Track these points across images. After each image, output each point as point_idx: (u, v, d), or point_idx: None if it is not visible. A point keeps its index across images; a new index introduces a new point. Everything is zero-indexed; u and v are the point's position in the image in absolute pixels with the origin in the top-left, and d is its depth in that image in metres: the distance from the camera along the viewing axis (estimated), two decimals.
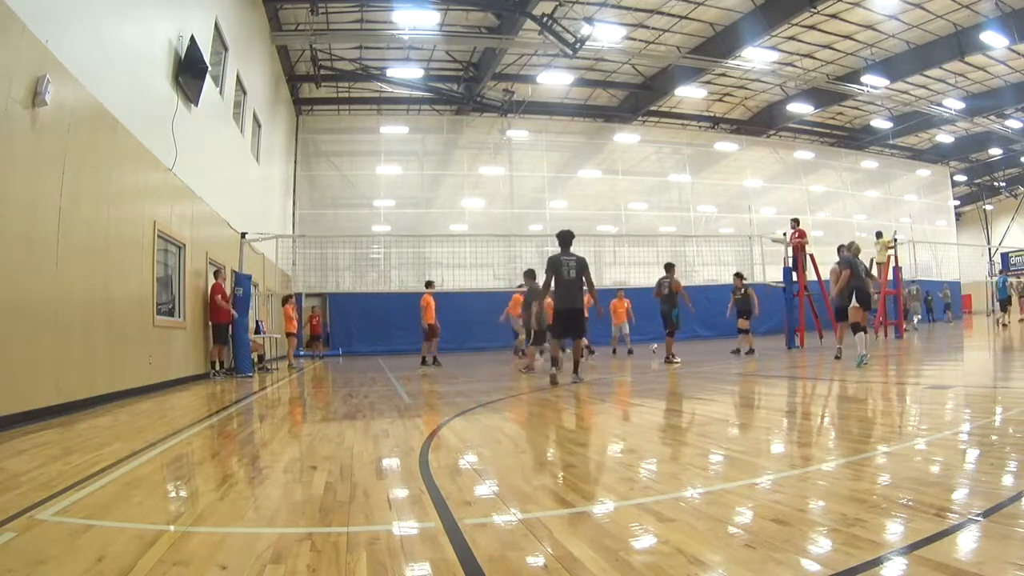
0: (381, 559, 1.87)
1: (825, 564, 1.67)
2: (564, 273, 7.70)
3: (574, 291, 7.74)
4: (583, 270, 7.85)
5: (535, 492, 2.59)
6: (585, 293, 8.03)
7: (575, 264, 7.81)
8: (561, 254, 7.84)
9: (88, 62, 6.32)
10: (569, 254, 7.86)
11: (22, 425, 4.87)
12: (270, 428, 5.06)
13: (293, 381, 10.17)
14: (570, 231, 8.07)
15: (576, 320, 7.87)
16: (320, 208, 23.36)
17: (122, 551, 1.97)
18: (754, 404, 5.57)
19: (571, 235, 8.03)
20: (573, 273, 7.74)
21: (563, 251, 7.87)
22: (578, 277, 7.77)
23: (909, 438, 3.48)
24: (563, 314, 7.80)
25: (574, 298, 7.80)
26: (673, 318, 10.67)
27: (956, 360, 9.24)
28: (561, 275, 7.71)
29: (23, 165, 5.24)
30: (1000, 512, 1.99)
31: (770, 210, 27.00)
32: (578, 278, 7.77)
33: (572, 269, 7.76)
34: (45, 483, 2.94)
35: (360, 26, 17.89)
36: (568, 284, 7.71)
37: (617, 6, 17.39)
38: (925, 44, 19.38)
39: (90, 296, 6.44)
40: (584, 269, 7.83)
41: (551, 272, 7.80)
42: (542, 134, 24.84)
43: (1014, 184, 34.34)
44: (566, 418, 5.12)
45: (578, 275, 7.77)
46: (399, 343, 18.65)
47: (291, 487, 2.85)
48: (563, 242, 7.94)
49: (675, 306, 10.64)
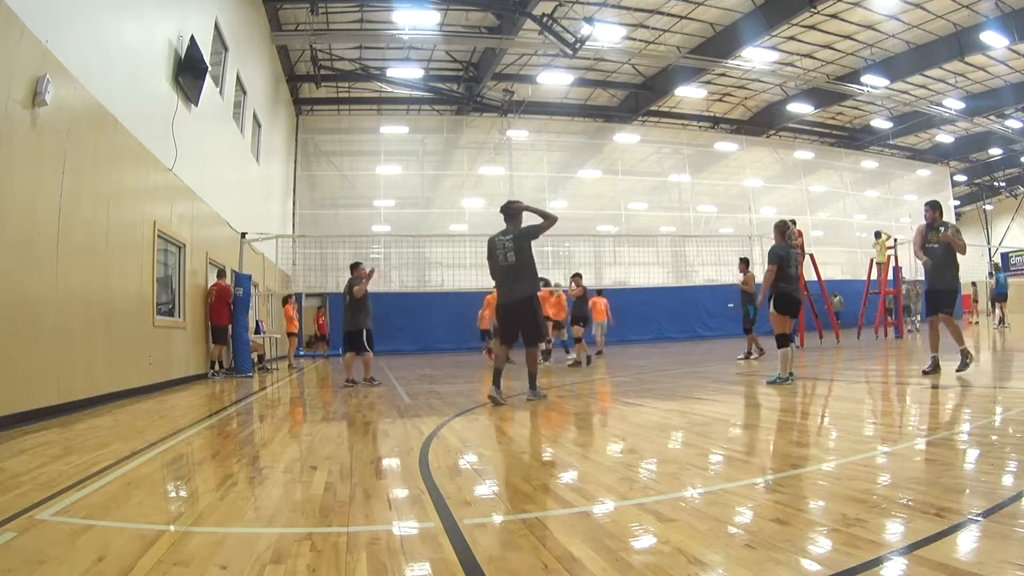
0: (381, 559, 1.87)
1: (825, 564, 1.67)
2: (499, 257, 5.86)
3: (515, 280, 5.81)
4: (525, 241, 5.80)
5: (535, 492, 2.59)
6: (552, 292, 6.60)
7: (513, 242, 5.78)
8: (497, 234, 5.98)
9: (88, 62, 6.32)
10: (508, 231, 5.92)
11: (22, 425, 4.87)
12: (270, 428, 5.06)
13: (293, 381, 10.17)
14: (515, 201, 6.15)
15: (523, 318, 5.83)
16: (320, 208, 23.36)
17: (122, 551, 1.97)
18: (754, 404, 5.57)
19: (515, 207, 6.02)
20: (512, 256, 5.76)
21: (504, 229, 5.97)
22: (521, 259, 5.77)
23: (909, 438, 3.48)
24: (504, 312, 6.00)
25: (511, 290, 5.84)
26: (750, 314, 10.67)
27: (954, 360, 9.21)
28: (496, 260, 5.90)
29: (23, 165, 5.24)
30: (1000, 512, 1.99)
31: (770, 210, 26.97)
32: (521, 260, 5.77)
33: (510, 251, 5.78)
34: (45, 483, 2.94)
35: (360, 26, 17.89)
36: (505, 271, 5.83)
37: (617, 6, 17.38)
38: (925, 44, 19.37)
39: (90, 296, 6.44)
40: (526, 239, 5.81)
41: (488, 259, 6.01)
42: (542, 134, 24.83)
43: (1014, 184, 34.33)
44: (566, 418, 5.12)
45: (520, 256, 5.76)
46: (399, 343, 18.66)
47: (291, 487, 2.85)
48: (505, 217, 6.02)
49: (752, 302, 10.61)
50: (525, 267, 5.79)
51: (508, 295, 5.88)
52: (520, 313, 5.81)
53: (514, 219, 5.95)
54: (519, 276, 5.78)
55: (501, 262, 5.83)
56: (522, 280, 5.79)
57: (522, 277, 5.78)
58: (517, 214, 5.98)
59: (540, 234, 5.80)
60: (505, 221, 5.99)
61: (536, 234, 5.80)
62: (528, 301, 5.82)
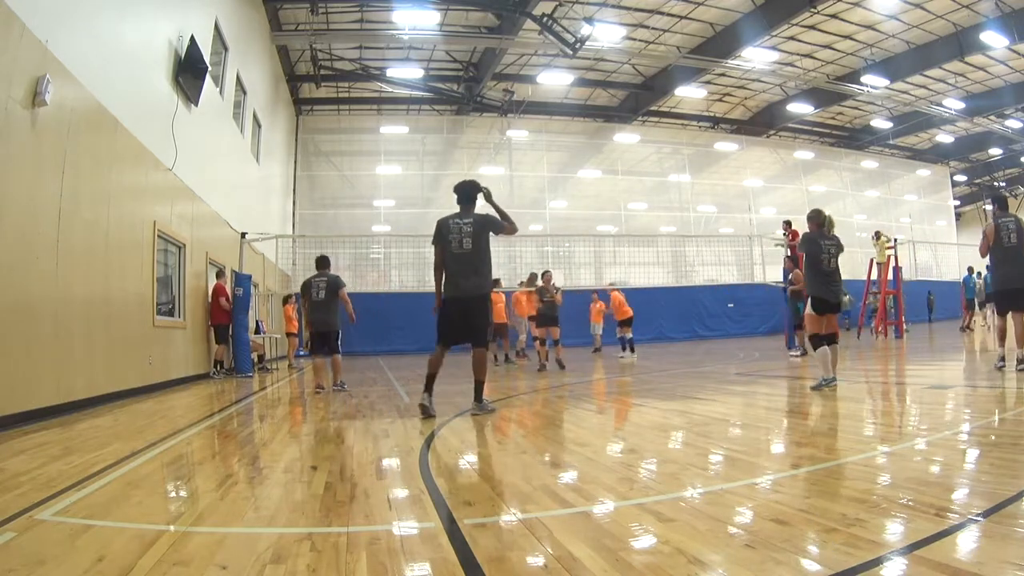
0: (381, 559, 1.87)
1: (825, 564, 1.67)
2: (452, 243, 5.11)
3: (472, 271, 5.10)
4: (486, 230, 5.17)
5: (535, 492, 2.59)
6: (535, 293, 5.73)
7: (472, 227, 5.11)
8: (451, 216, 5.24)
9: (88, 62, 6.32)
10: (467, 215, 5.22)
11: (22, 425, 4.87)
12: (270, 428, 5.06)
13: (293, 381, 10.17)
14: (471, 182, 5.41)
15: (475, 318, 5.13)
16: (320, 208, 23.37)
17: (122, 551, 1.97)
18: (754, 404, 5.57)
19: (472, 188, 5.35)
20: (469, 243, 5.07)
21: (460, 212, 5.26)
22: (478, 248, 5.11)
23: (909, 438, 3.48)
24: (453, 307, 5.15)
25: (466, 283, 5.11)
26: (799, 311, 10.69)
27: (955, 360, 9.23)
28: (447, 245, 5.14)
29: (23, 165, 5.24)
30: (1000, 512, 1.99)
31: (770, 210, 26.98)
32: (479, 249, 5.11)
33: (467, 237, 5.08)
34: (45, 483, 2.93)
35: (360, 26, 17.89)
36: (459, 259, 5.10)
37: (617, 6, 17.38)
38: (925, 44, 19.37)
39: (90, 296, 6.44)
40: (487, 229, 5.19)
41: (436, 243, 5.22)
42: (542, 134, 24.83)
43: (1014, 184, 34.31)
44: (566, 418, 5.12)
45: (477, 245, 5.10)
46: (399, 343, 18.66)
47: (291, 487, 2.85)
48: (459, 198, 5.31)
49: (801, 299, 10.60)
50: (483, 258, 5.14)
51: (461, 288, 5.10)
52: (472, 311, 5.11)
53: (471, 203, 5.31)
54: (476, 268, 5.10)
55: (455, 248, 5.08)
56: (480, 274, 5.13)
57: (480, 270, 5.12)
58: (474, 198, 5.33)
59: (500, 233, 5.26)
60: (459, 203, 5.29)
61: (498, 230, 5.24)
62: (484, 299, 5.20)
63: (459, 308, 5.12)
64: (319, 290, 7.64)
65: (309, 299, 7.73)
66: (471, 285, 5.09)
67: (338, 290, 7.67)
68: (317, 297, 7.63)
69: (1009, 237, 6.37)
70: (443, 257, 5.17)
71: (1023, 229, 6.37)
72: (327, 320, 7.68)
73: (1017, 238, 6.34)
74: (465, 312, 5.11)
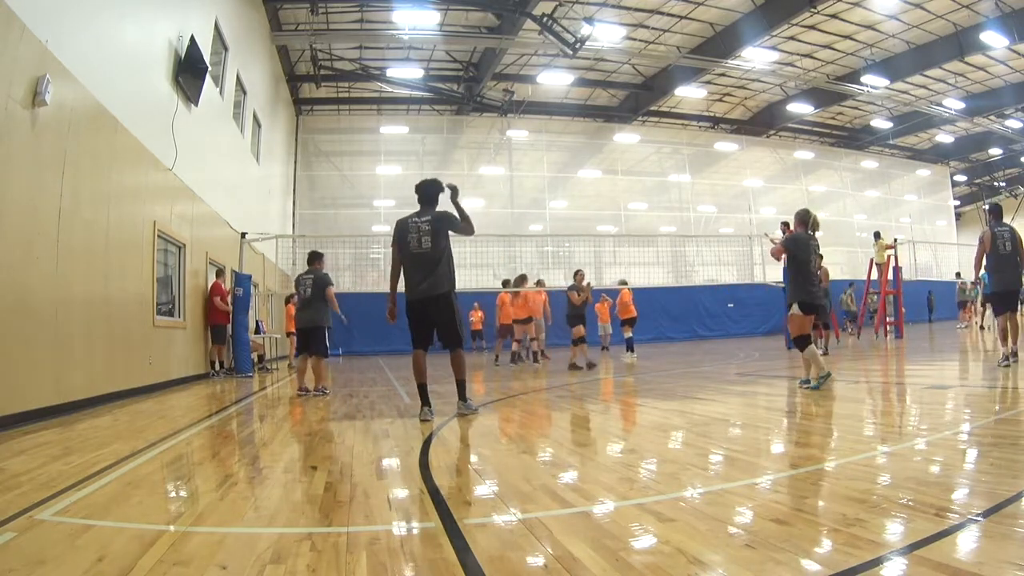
0: (381, 559, 1.87)
1: (825, 564, 1.67)
2: (411, 243, 4.99)
3: (431, 270, 4.96)
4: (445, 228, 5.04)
5: (535, 492, 2.59)
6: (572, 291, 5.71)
7: (431, 225, 4.98)
8: (410, 215, 5.12)
9: (88, 62, 6.32)
10: (425, 213, 5.09)
11: (22, 425, 4.87)
12: (270, 428, 5.06)
13: (293, 381, 10.16)
14: (434, 181, 5.26)
15: (442, 317, 5.01)
16: (320, 208, 23.36)
17: (122, 551, 1.97)
18: (754, 404, 5.57)
19: (434, 187, 5.21)
20: (428, 242, 4.94)
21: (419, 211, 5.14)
22: (437, 246, 4.96)
23: (909, 438, 3.48)
24: (417, 308, 5.03)
25: (426, 283, 4.96)
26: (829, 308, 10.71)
27: (955, 360, 9.23)
28: (406, 246, 5.01)
29: (23, 165, 5.24)
30: (1000, 512, 1.99)
31: (770, 210, 26.97)
32: (438, 248, 4.97)
33: (426, 236, 4.96)
34: (45, 483, 2.93)
35: (360, 26, 17.89)
36: (417, 260, 4.98)
37: (617, 6, 17.38)
38: (925, 44, 19.36)
39: (90, 296, 6.44)
40: (446, 227, 5.06)
41: (394, 244, 5.12)
42: (542, 134, 24.83)
43: (1014, 184, 34.31)
44: (566, 418, 5.12)
45: (437, 243, 4.96)
46: (399, 343, 18.64)
47: (291, 487, 2.86)
48: (420, 197, 5.19)
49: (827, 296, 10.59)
50: (443, 257, 5.00)
51: (422, 289, 4.97)
52: (437, 312, 4.99)
53: (431, 204, 5.17)
54: (436, 267, 4.96)
55: (413, 248, 4.97)
56: (440, 273, 4.98)
57: (440, 269, 4.98)
58: (435, 198, 5.18)
59: (459, 232, 5.11)
60: (420, 202, 5.16)
61: (457, 228, 5.09)
62: (447, 298, 5.02)
63: (421, 310, 5.03)
64: (305, 287, 7.47)
65: (298, 296, 7.59)
66: (428, 286, 4.96)
67: (324, 288, 7.41)
68: (304, 294, 7.48)
69: (1004, 245, 6.88)
70: (401, 259, 5.09)
71: (1016, 238, 6.93)
72: (312, 317, 7.46)
73: (1011, 246, 6.88)
74: (429, 313, 5.01)
